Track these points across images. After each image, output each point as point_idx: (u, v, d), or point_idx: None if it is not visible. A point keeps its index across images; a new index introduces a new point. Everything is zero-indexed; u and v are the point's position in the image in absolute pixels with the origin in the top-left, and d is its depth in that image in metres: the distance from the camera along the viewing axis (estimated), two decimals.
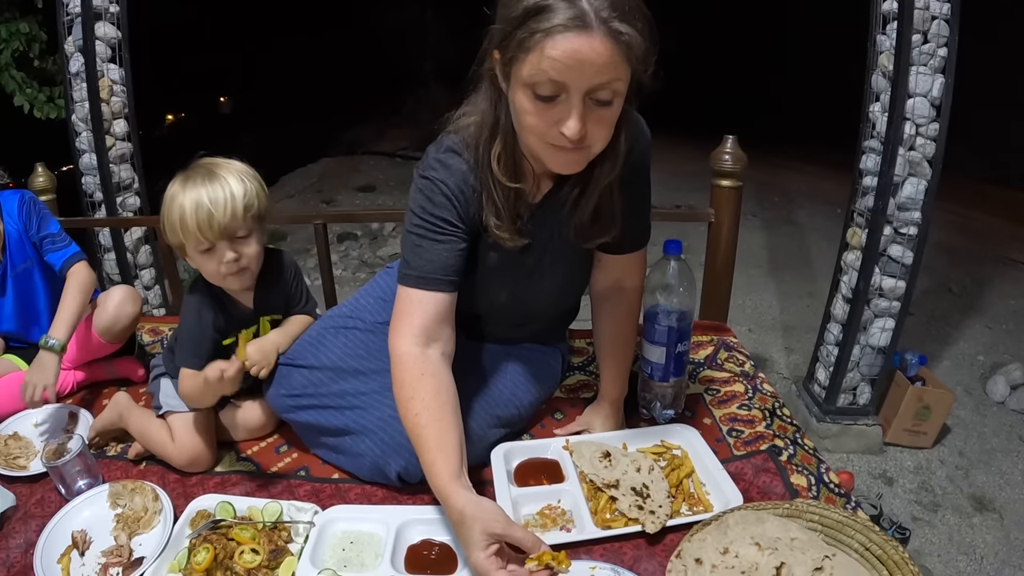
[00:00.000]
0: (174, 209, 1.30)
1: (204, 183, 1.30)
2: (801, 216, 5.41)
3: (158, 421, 1.46)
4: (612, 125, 1.05)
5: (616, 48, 0.94)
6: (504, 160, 1.15)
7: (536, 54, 0.95)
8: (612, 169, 1.16)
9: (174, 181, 1.33)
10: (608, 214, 1.23)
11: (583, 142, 1.02)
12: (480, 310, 1.43)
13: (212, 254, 1.34)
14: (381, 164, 8.38)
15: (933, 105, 2.20)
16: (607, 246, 1.37)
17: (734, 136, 1.87)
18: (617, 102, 1.01)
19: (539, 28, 0.93)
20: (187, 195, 1.29)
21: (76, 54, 2.60)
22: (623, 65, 0.96)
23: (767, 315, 3.83)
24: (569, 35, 0.92)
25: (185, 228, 1.29)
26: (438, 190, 1.19)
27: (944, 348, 3.44)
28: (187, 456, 1.39)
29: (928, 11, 2.15)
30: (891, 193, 2.24)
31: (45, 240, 1.72)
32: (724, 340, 1.87)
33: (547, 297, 1.41)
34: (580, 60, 0.93)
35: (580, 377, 1.70)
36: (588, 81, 0.96)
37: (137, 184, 2.74)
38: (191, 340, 1.39)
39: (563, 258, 1.36)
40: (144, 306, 2.75)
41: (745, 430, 1.50)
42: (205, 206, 1.28)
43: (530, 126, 1.04)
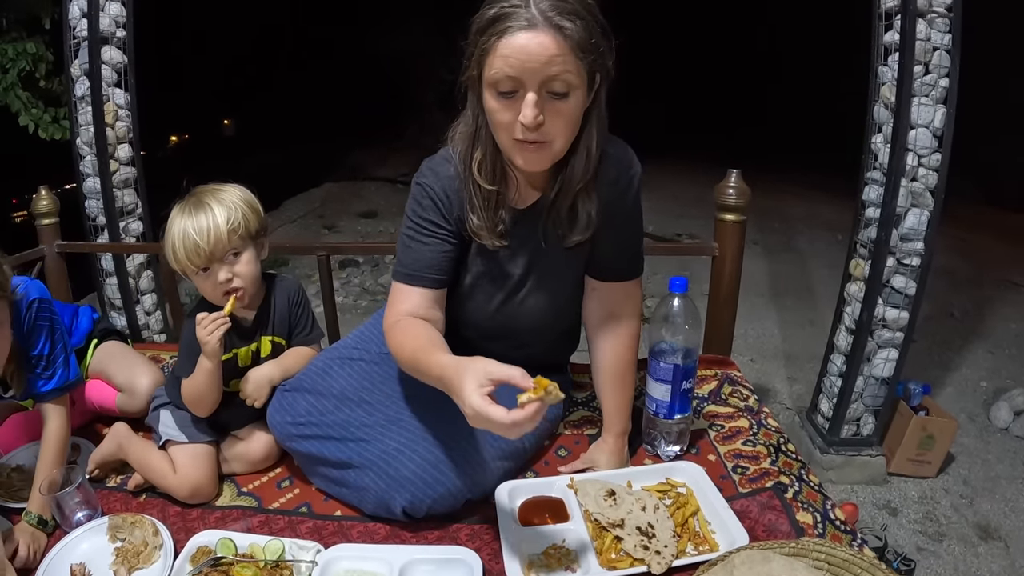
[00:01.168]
0: (168, 239, 1.38)
1: (191, 213, 1.37)
2: (801, 242, 5.42)
3: (159, 452, 1.45)
4: (571, 119, 1.14)
5: (561, 41, 1.05)
6: (485, 165, 1.25)
7: (494, 56, 1.08)
8: (585, 171, 1.24)
9: (172, 210, 1.41)
10: (584, 214, 1.29)
11: (544, 135, 1.12)
12: (474, 328, 1.45)
13: (207, 276, 1.40)
14: (383, 190, 8.40)
15: (935, 136, 2.21)
16: (596, 270, 1.42)
17: (738, 170, 1.87)
18: (573, 96, 1.11)
19: (495, 32, 1.08)
20: (176, 225, 1.37)
21: (82, 77, 2.62)
22: (570, 57, 1.06)
23: (769, 344, 3.83)
24: (518, 34, 1.05)
25: (177, 256, 1.38)
26: (425, 194, 1.31)
27: (947, 374, 3.43)
28: (189, 487, 1.39)
29: (929, 42, 2.16)
30: (894, 224, 2.24)
31: (32, 358, 1.41)
32: (728, 374, 1.86)
33: (538, 313, 1.42)
34: (528, 54, 1.05)
35: (584, 412, 1.69)
36: (539, 73, 1.06)
37: (140, 209, 2.75)
38: (191, 352, 1.42)
39: (552, 272, 1.39)
40: (145, 332, 2.78)
41: (750, 466, 1.49)
42: (191, 236, 1.35)
43: (498, 123, 1.15)
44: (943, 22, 2.16)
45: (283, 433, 1.41)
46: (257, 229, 1.45)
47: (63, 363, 1.45)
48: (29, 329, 1.39)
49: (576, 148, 1.22)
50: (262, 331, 1.51)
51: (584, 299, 1.48)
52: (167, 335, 2.83)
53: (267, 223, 1.50)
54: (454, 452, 1.29)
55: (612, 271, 1.41)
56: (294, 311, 1.56)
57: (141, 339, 2.74)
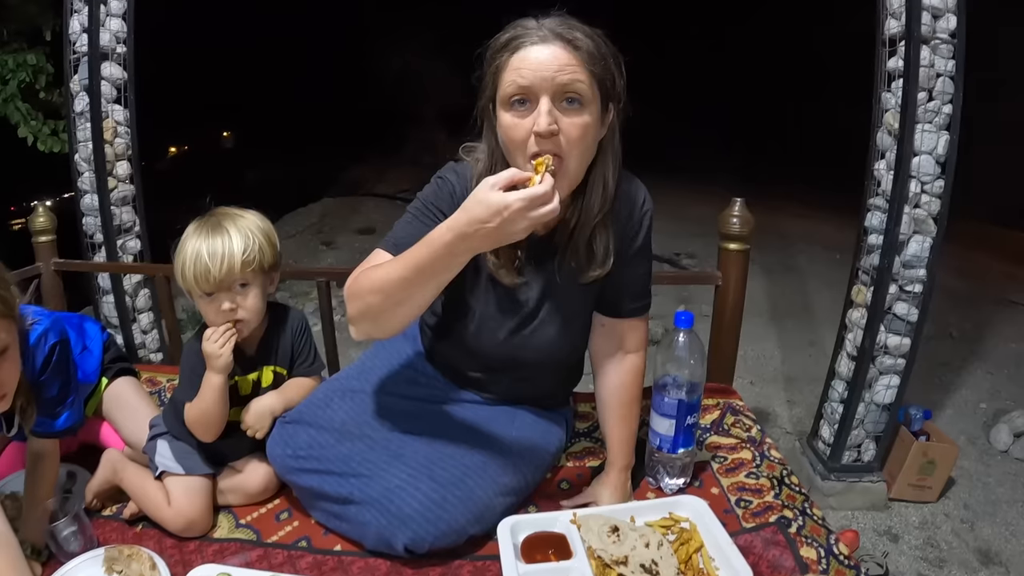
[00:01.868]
0: (179, 257, 1.36)
1: (207, 235, 1.35)
2: (801, 261, 5.41)
3: (155, 482, 1.43)
4: (585, 135, 1.13)
5: (572, 51, 1.09)
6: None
7: (507, 71, 1.12)
8: (602, 203, 1.25)
9: (189, 227, 1.39)
10: (601, 249, 1.29)
11: (558, 147, 1.11)
12: (481, 358, 1.44)
13: (212, 301, 1.38)
14: (381, 206, 8.40)
15: (938, 163, 2.20)
16: (605, 307, 1.42)
17: (742, 199, 1.87)
18: (587, 110, 1.12)
19: (508, 50, 1.12)
20: (190, 245, 1.35)
21: (81, 93, 2.61)
22: (581, 68, 1.10)
23: (769, 366, 3.80)
24: (530, 47, 1.10)
25: (185, 277, 1.36)
26: (446, 187, 1.31)
27: (946, 396, 3.42)
28: (183, 521, 1.36)
29: (933, 68, 2.16)
30: (896, 251, 2.24)
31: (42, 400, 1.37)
32: (730, 404, 1.85)
33: (547, 346, 1.41)
34: (540, 62, 1.09)
35: (585, 444, 1.67)
36: (551, 81, 1.09)
37: (138, 227, 2.72)
38: (192, 378, 1.41)
39: (563, 307, 1.38)
40: (141, 351, 2.75)
41: (753, 500, 1.48)
42: (203, 259, 1.33)
43: (513, 140, 1.14)
44: (947, 48, 2.16)
45: (283, 466, 1.39)
46: (271, 263, 1.43)
47: (70, 405, 1.41)
48: (45, 371, 1.34)
49: (592, 179, 1.23)
50: (264, 361, 1.50)
51: (591, 333, 1.47)
52: (163, 353, 2.81)
53: (281, 258, 1.48)
54: (457, 489, 1.28)
55: (621, 308, 1.41)
56: (297, 342, 1.54)
57: (138, 358, 2.72)
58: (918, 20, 2.13)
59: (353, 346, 3.83)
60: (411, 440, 1.38)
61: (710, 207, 6.43)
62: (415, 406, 1.47)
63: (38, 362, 1.33)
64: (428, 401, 1.49)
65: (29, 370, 1.31)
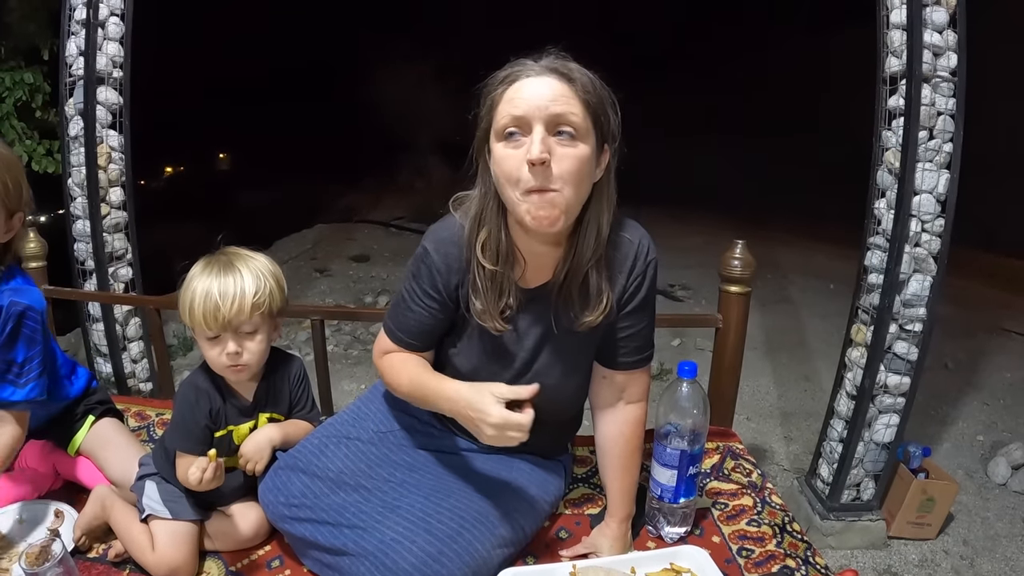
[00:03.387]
0: (187, 294, 1.33)
1: (219, 274, 1.33)
2: (794, 292, 5.39)
3: (140, 525, 1.39)
4: (580, 168, 1.12)
5: (565, 82, 1.10)
6: (489, 245, 1.23)
7: (502, 103, 1.12)
8: (596, 247, 1.22)
9: (197, 264, 1.37)
10: (596, 292, 1.26)
11: (550, 180, 1.09)
12: None
13: (216, 343, 1.35)
14: (376, 233, 8.33)
15: (938, 201, 2.19)
16: (607, 359, 1.39)
17: (743, 241, 1.85)
18: (582, 143, 1.11)
19: (504, 83, 1.14)
20: (200, 282, 1.32)
21: (76, 117, 2.57)
22: (575, 99, 1.10)
23: (765, 401, 3.77)
24: (525, 79, 1.11)
25: (192, 315, 1.32)
26: (423, 260, 1.31)
27: (944, 429, 3.40)
28: (166, 568, 1.32)
29: (934, 107, 2.16)
30: (897, 290, 2.22)
31: (5, 362, 1.39)
32: (730, 447, 1.83)
33: (543, 398, 1.37)
34: (534, 92, 1.10)
35: (584, 490, 1.64)
36: (545, 110, 1.09)
37: (130, 255, 2.69)
38: (183, 425, 1.38)
39: (561, 357, 1.35)
40: (131, 380, 2.71)
41: (755, 549, 1.46)
42: (213, 298, 1.30)
43: (506, 172, 1.13)
44: (947, 87, 2.15)
45: (276, 514, 1.36)
46: (279, 308, 1.41)
47: (37, 378, 1.41)
48: (9, 333, 1.37)
49: (585, 221, 1.21)
50: (261, 408, 1.47)
51: (592, 383, 1.44)
52: (153, 383, 2.76)
53: (287, 304, 1.46)
54: (454, 543, 1.24)
55: (623, 360, 1.38)
56: (295, 390, 1.52)
57: (127, 387, 2.68)
58: (919, 58, 2.12)
59: (345, 378, 3.80)
60: (407, 491, 1.35)
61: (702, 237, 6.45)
62: (411, 455, 1.44)
63: (5, 328, 1.36)
64: (425, 449, 1.46)
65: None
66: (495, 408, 1.12)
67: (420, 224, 7.94)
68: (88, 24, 2.49)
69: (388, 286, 5.89)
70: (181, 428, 1.38)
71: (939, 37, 2.13)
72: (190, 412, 1.38)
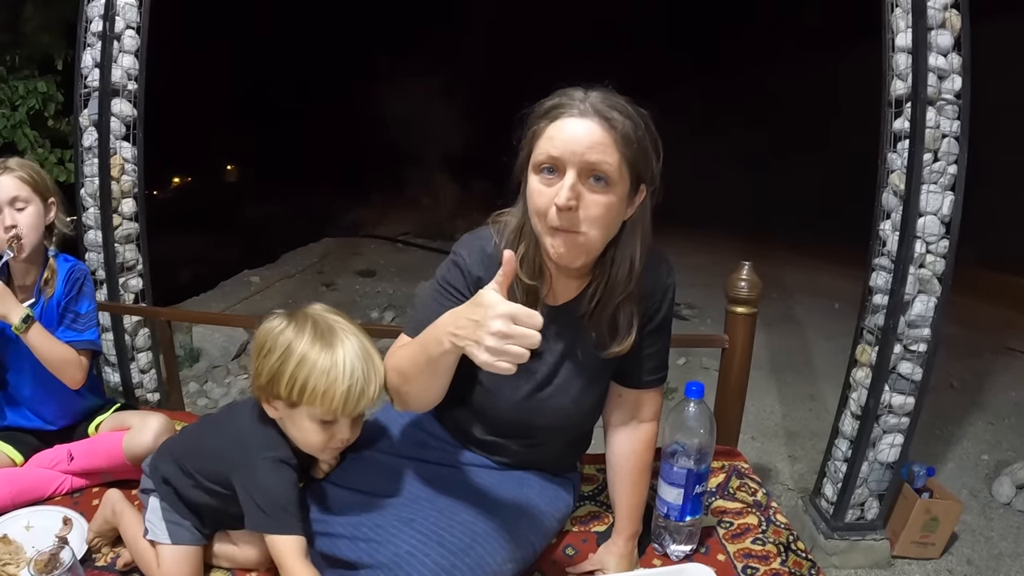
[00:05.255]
0: (318, 369, 1.18)
1: (360, 357, 1.21)
2: (799, 312, 5.41)
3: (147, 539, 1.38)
4: (607, 214, 1.14)
5: (605, 130, 1.10)
6: (527, 260, 1.25)
7: (542, 138, 1.13)
8: (627, 282, 1.24)
9: (301, 328, 1.22)
10: (625, 326, 1.28)
11: (574, 223, 1.12)
12: (491, 421, 1.42)
13: (328, 427, 1.24)
14: (382, 248, 8.43)
15: (943, 223, 2.21)
16: (623, 378, 1.40)
17: (750, 263, 1.87)
18: (613, 191, 1.12)
19: (548, 118, 1.14)
20: (339, 359, 1.19)
21: (90, 128, 2.60)
22: (612, 148, 1.10)
23: (769, 421, 3.78)
24: (568, 119, 1.12)
25: (326, 396, 1.18)
26: (456, 264, 1.33)
27: (948, 449, 3.40)
28: None
29: (939, 129, 2.18)
30: (901, 311, 2.24)
31: (68, 314, 1.76)
32: (735, 466, 1.83)
33: (561, 413, 1.39)
34: (573, 135, 1.10)
35: (591, 507, 1.65)
36: (580, 156, 1.09)
37: (141, 266, 2.71)
38: (291, 506, 1.24)
39: (581, 376, 1.36)
40: (139, 390, 2.73)
41: (760, 567, 1.46)
42: (359, 383, 1.20)
43: (536, 206, 1.16)
44: (952, 109, 2.18)
45: None
46: None
47: (94, 326, 1.80)
48: (79, 292, 1.78)
49: (617, 256, 1.23)
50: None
51: (607, 401, 1.46)
52: (160, 393, 2.78)
53: None
54: (467, 556, 1.25)
55: (639, 380, 1.40)
56: None
57: (135, 397, 2.69)
58: (924, 81, 2.15)
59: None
60: (421, 506, 1.36)
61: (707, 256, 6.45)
62: (424, 469, 1.45)
63: (76, 287, 1.77)
64: (438, 464, 1.47)
65: (67, 288, 1.75)
66: (498, 299, 1.03)
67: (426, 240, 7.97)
68: (104, 36, 2.52)
69: (394, 301, 5.91)
70: (291, 509, 1.24)
71: (944, 60, 2.15)
72: (291, 491, 1.26)
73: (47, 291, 1.74)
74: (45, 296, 1.74)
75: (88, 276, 1.83)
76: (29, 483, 1.63)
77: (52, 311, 1.74)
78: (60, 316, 1.75)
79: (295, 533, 1.21)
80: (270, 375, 1.22)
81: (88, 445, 1.72)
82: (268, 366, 1.22)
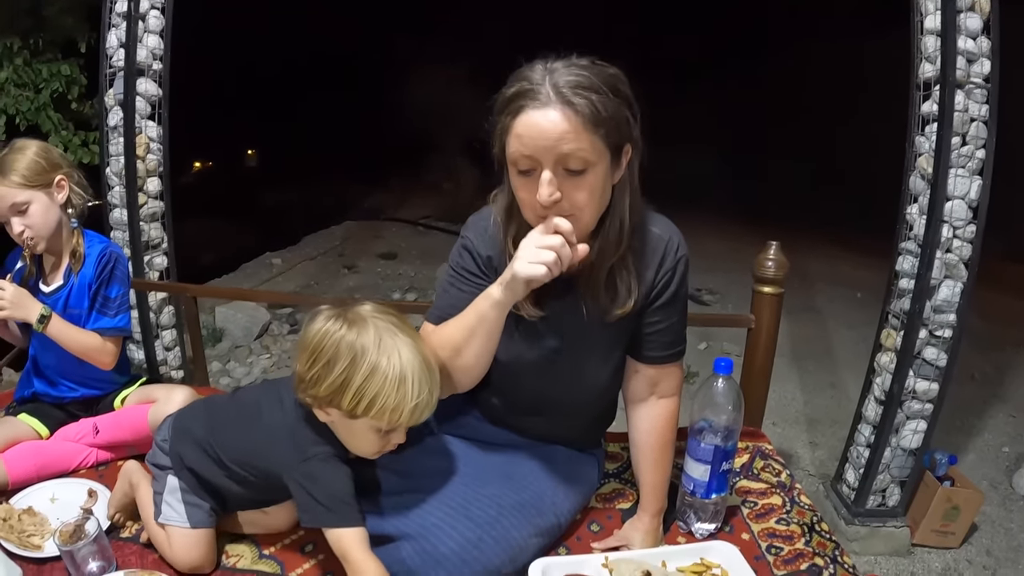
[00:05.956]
0: (388, 384, 1.13)
1: (423, 366, 1.16)
2: (821, 301, 5.35)
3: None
4: (593, 194, 1.12)
5: (572, 117, 1.04)
6: (520, 238, 1.20)
7: (511, 135, 1.09)
8: (618, 244, 1.22)
9: (363, 335, 1.15)
10: (623, 288, 1.26)
11: (562, 212, 1.10)
12: (511, 398, 1.43)
13: (386, 436, 1.21)
14: (404, 232, 8.39)
15: (970, 207, 2.19)
16: (639, 353, 1.39)
17: (777, 242, 1.85)
18: (592, 172, 1.09)
19: (511, 111, 1.09)
20: (408, 372, 1.14)
21: (116, 108, 2.61)
22: (583, 134, 1.05)
23: (791, 408, 3.77)
24: (530, 112, 1.06)
25: (395, 412, 1.14)
26: (465, 247, 1.34)
27: (969, 440, 3.38)
28: (185, 566, 1.32)
29: (967, 113, 2.15)
30: (928, 296, 2.22)
31: (99, 298, 1.76)
32: (759, 447, 1.83)
33: (577, 387, 1.39)
34: (540, 131, 1.05)
35: (615, 485, 1.65)
36: (553, 151, 1.06)
37: (166, 244, 2.73)
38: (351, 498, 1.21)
39: (592, 347, 1.36)
40: (163, 367, 2.76)
41: (784, 547, 1.46)
42: (427, 396, 1.16)
43: (522, 201, 1.15)
44: (980, 93, 2.15)
45: None
46: None
47: (125, 311, 1.81)
48: (109, 272, 1.76)
49: (608, 218, 1.20)
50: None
51: (625, 377, 1.45)
52: (184, 371, 2.81)
53: None
54: (493, 530, 1.26)
55: (655, 355, 1.38)
56: None
57: (159, 375, 2.71)
58: (953, 64, 2.12)
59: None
60: (447, 479, 1.37)
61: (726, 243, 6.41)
62: (452, 444, 1.46)
63: (106, 270, 1.75)
64: (464, 439, 1.48)
65: (97, 271, 1.74)
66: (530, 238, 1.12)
67: (448, 223, 7.96)
68: (129, 17, 2.53)
69: (416, 283, 5.91)
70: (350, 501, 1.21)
71: (973, 43, 2.12)
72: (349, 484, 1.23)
73: (76, 267, 1.75)
74: (74, 274, 1.74)
75: (121, 258, 1.81)
76: (55, 456, 1.65)
77: (83, 291, 1.75)
78: (92, 299, 1.75)
79: (358, 525, 1.18)
80: (332, 388, 1.14)
81: (113, 418, 1.73)
82: (331, 378, 1.14)
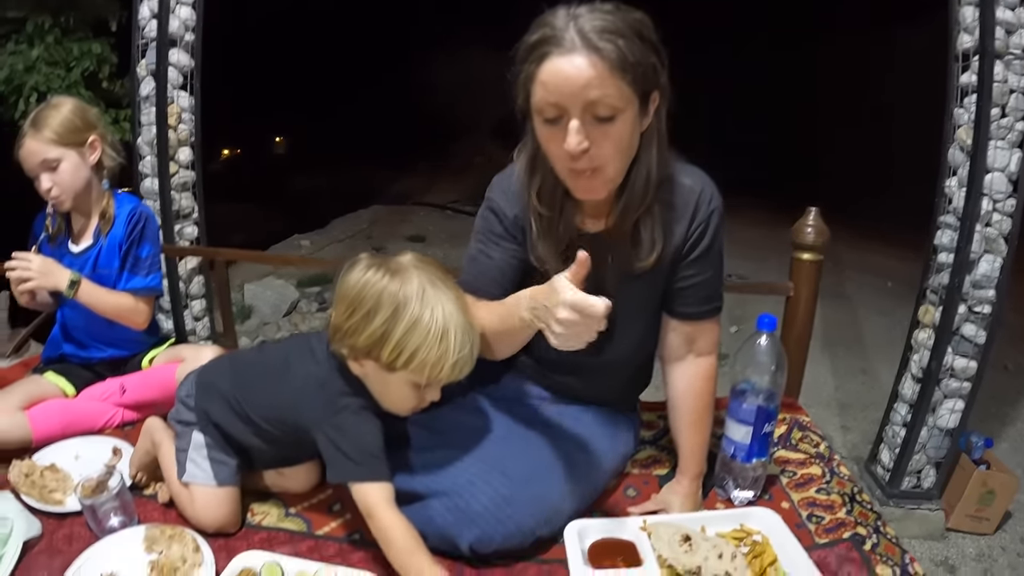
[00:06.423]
0: (430, 338, 1.10)
1: (464, 322, 1.14)
2: (850, 289, 5.29)
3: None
4: (622, 142, 1.09)
5: (598, 62, 1.00)
6: (544, 192, 1.22)
7: (536, 83, 1.05)
8: (644, 194, 1.18)
9: (406, 286, 1.12)
10: (648, 239, 1.24)
11: (593, 160, 1.07)
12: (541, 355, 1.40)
13: (421, 391, 1.18)
14: (432, 216, 8.37)
15: (1010, 180, 2.14)
16: (674, 310, 1.36)
17: (816, 208, 1.81)
18: (621, 119, 1.05)
19: (535, 58, 1.05)
20: (451, 326, 1.11)
21: (148, 78, 2.62)
22: (610, 79, 1.01)
23: (822, 391, 3.74)
24: (555, 58, 1.02)
25: (435, 367, 1.12)
26: (490, 208, 1.32)
27: (1002, 429, 3.32)
28: (209, 526, 1.28)
29: (1007, 84, 2.11)
30: (967, 270, 2.17)
31: (130, 258, 1.75)
32: (797, 419, 1.80)
33: (611, 345, 1.33)
34: (566, 78, 1.02)
35: (651, 452, 1.62)
36: (580, 98, 1.02)
37: (196, 214, 2.74)
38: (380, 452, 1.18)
39: (627, 304, 1.30)
40: (192, 337, 2.77)
41: (825, 516, 1.42)
42: (467, 352, 1.14)
43: (550, 153, 1.12)
44: (1020, 64, 2.11)
45: None
46: None
47: (157, 270, 1.80)
48: (139, 232, 1.75)
49: (634, 170, 1.17)
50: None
51: (661, 336, 1.41)
52: (213, 341, 2.82)
53: None
54: (528, 489, 1.23)
55: (691, 311, 1.34)
56: None
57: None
58: (992, 35, 2.09)
59: None
60: (482, 436, 1.35)
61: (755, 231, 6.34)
62: (482, 403, 1.44)
63: (137, 229, 1.74)
64: (498, 399, 1.45)
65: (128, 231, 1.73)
66: (566, 286, 1.00)
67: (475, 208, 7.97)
68: None
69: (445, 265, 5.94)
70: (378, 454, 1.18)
71: (1012, 14, 2.09)
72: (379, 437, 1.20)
73: (105, 228, 1.74)
74: (103, 235, 1.74)
75: (151, 217, 1.81)
76: (80, 414, 1.64)
77: (113, 251, 1.74)
78: (123, 259, 1.75)
79: (385, 479, 1.15)
80: (372, 339, 1.11)
81: (141, 377, 1.73)
82: (371, 329, 1.11)
